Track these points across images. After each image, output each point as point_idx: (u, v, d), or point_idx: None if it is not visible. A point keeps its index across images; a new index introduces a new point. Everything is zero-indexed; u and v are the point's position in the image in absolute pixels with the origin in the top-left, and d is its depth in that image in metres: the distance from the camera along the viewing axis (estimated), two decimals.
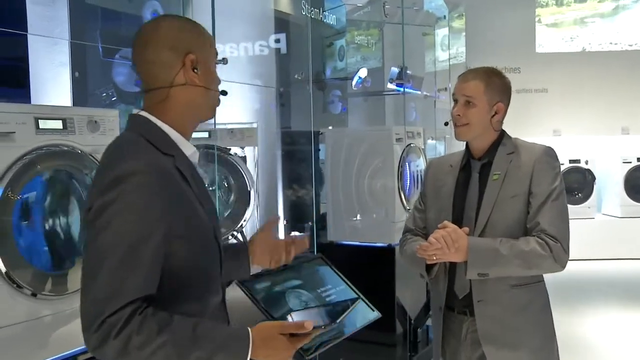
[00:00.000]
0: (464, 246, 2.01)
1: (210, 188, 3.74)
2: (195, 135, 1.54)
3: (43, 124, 2.04)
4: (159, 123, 1.42)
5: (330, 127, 4.80)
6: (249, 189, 4.42)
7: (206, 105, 1.48)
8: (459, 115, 2.14)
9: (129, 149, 1.35)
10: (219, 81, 1.52)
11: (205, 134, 4.00)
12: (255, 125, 4.63)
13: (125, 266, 1.24)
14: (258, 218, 4.49)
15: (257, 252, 1.71)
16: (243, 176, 4.41)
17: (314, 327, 1.38)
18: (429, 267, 2.17)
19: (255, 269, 1.74)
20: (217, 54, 1.52)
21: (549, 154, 2.14)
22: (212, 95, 1.49)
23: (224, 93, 1.55)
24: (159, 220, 1.29)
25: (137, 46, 1.44)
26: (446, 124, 2.32)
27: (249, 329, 1.34)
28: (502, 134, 2.22)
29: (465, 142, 2.25)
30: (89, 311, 1.24)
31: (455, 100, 2.18)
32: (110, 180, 1.27)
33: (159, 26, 1.44)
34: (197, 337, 1.27)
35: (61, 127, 2.11)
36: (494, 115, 2.15)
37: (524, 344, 2.13)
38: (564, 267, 2.06)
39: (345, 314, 1.58)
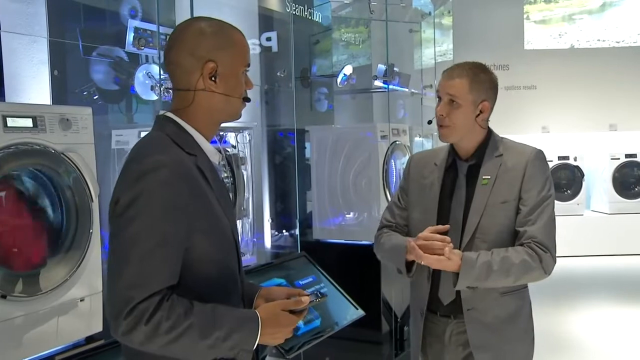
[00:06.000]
0: (458, 257, 1.93)
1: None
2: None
3: (12, 122, 1.99)
4: (183, 124, 1.49)
5: (306, 127, 4.73)
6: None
7: (227, 111, 1.53)
8: (442, 115, 2.05)
9: (155, 145, 1.43)
10: (249, 86, 1.55)
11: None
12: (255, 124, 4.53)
13: (154, 257, 1.32)
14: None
15: (258, 304, 1.62)
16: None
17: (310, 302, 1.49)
18: (409, 265, 2.09)
19: None
20: (248, 64, 1.53)
21: (539, 157, 2.07)
22: (233, 101, 1.52)
23: (247, 100, 1.56)
24: (182, 214, 1.37)
25: (166, 46, 1.52)
26: (429, 122, 2.21)
27: (256, 311, 1.45)
28: (489, 133, 2.12)
29: None
30: (119, 298, 1.30)
31: (439, 98, 2.08)
32: (136, 174, 1.35)
33: (185, 30, 1.49)
34: (216, 319, 1.36)
35: (31, 125, 2.06)
36: (479, 114, 2.06)
37: (514, 351, 2.11)
38: (549, 274, 2.02)
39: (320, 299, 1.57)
